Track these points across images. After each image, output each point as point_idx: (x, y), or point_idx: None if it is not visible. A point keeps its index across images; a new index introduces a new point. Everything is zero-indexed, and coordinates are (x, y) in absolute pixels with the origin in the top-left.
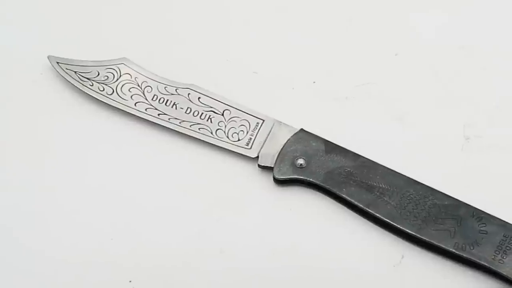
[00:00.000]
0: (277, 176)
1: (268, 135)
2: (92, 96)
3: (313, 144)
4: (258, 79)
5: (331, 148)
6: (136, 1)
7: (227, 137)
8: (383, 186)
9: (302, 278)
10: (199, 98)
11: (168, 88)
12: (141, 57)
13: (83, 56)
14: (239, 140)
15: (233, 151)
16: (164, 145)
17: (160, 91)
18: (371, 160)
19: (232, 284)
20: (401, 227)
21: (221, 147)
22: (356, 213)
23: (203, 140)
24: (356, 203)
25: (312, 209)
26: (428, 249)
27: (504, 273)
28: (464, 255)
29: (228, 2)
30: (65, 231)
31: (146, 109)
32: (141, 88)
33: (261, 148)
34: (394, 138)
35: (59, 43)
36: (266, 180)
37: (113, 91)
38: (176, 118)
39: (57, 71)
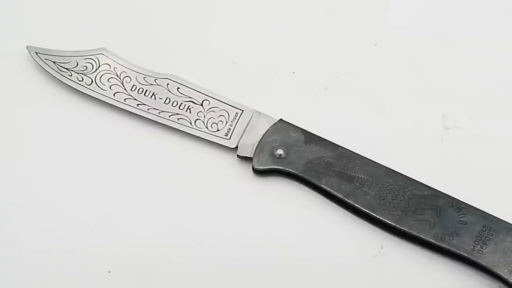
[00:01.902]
0: (256, 167)
1: (247, 125)
2: (71, 86)
3: (292, 134)
4: (237, 70)
5: (310, 138)
6: None
7: (206, 127)
8: (363, 176)
9: (281, 268)
10: (178, 88)
11: (147, 79)
12: (120, 47)
13: (62, 46)
14: (218, 130)
15: (212, 142)
16: (143, 136)
17: (139, 81)
18: (350, 151)
19: (211, 275)
20: (380, 218)
21: (200, 138)
22: (335, 203)
23: (182, 131)
24: (335, 193)
25: (291, 199)
26: (407, 240)
27: (484, 264)
28: (444, 246)
29: None
30: (44, 221)
31: (125, 99)
32: (120, 78)
33: (240, 138)
34: (373, 128)
35: (37, 33)
36: (245, 171)
37: (92, 81)
38: (155, 109)
39: (36, 61)
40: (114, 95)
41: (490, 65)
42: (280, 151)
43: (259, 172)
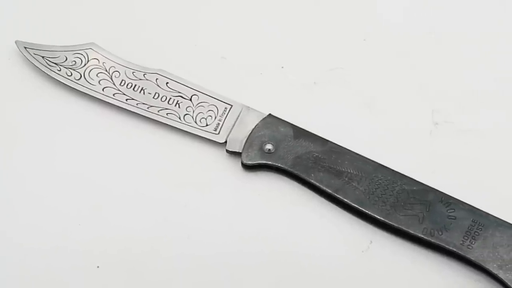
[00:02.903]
0: (245, 161)
1: (236, 120)
2: (60, 81)
3: (282, 129)
4: (226, 64)
5: (300, 133)
6: None
7: (195, 122)
8: (352, 171)
9: (270, 263)
10: (167, 83)
11: (136, 73)
12: (109, 42)
13: (51, 41)
14: (207, 125)
15: (201, 136)
16: (132, 130)
17: (128, 76)
18: (339, 146)
19: (200, 270)
20: (369, 213)
21: (189, 132)
22: (325, 198)
23: (171, 125)
24: (324, 188)
25: (280, 194)
26: (396, 235)
27: (473, 259)
28: (433, 241)
29: None
30: (33, 216)
31: (114, 94)
32: (109, 73)
33: (229, 133)
34: (362, 123)
35: (26, 28)
36: (234, 165)
37: (81, 76)
38: (144, 103)
39: (25, 56)
40: (103, 90)
41: (479, 60)
42: (269, 146)
43: (248, 167)
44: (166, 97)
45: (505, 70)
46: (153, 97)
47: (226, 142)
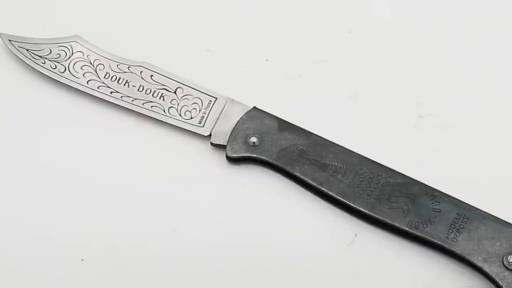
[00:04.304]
0: (230, 154)
1: (221, 113)
2: (44, 74)
3: (266, 122)
4: (211, 57)
5: (284, 126)
6: None
7: (180, 115)
8: (336, 164)
9: (255, 256)
10: (151, 76)
11: (121, 66)
12: (94, 35)
13: (36, 34)
14: (191, 118)
15: (185, 129)
16: (116, 123)
17: (113, 69)
18: (324, 138)
19: (185, 263)
20: (354, 206)
21: (173, 125)
22: (309, 191)
23: (155, 118)
24: (309, 181)
25: (265, 187)
26: (381, 228)
27: (458, 252)
28: (418, 234)
29: None
30: (17, 209)
31: (98, 87)
32: (93, 66)
33: (214, 126)
34: (347, 116)
35: (11, 20)
36: (219, 158)
37: (65, 69)
38: (128, 96)
39: (9, 48)
40: (87, 82)
41: (464, 53)
42: (253, 139)
43: (232, 160)
44: (151, 90)
45: (490, 63)
46: (138, 90)
47: (210, 135)
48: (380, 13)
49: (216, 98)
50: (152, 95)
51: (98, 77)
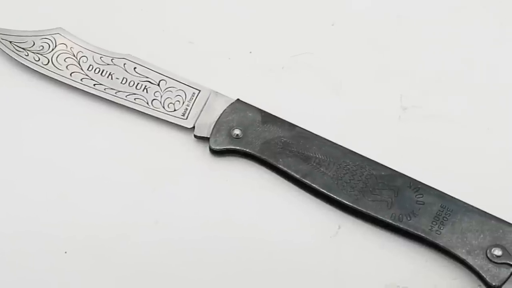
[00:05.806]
0: (213, 147)
1: (204, 105)
2: (27, 66)
3: (250, 114)
4: (194, 49)
5: (268, 118)
6: None
7: (163, 107)
8: (320, 156)
9: (238, 249)
10: (135, 68)
11: (104, 58)
12: (77, 27)
13: (19, 26)
14: (175, 110)
15: (169, 122)
16: (99, 115)
17: (96, 61)
18: (307, 131)
19: (167, 255)
20: (337, 198)
21: (157, 118)
22: (293, 183)
23: (139, 110)
24: (292, 173)
25: (249, 179)
26: (365, 220)
27: (441, 244)
28: (401, 226)
29: None
30: None
31: (81, 79)
32: (76, 58)
33: (197, 118)
34: (330, 108)
35: None
36: (202, 151)
37: (49, 61)
38: (111, 88)
39: None
40: (70, 75)
41: (447, 46)
42: (237, 131)
43: (216, 152)
44: (134, 82)
45: (473, 56)
46: (121, 82)
47: (194, 127)
48: (363, 6)
49: (200, 91)
50: (136, 87)
51: (81, 69)
